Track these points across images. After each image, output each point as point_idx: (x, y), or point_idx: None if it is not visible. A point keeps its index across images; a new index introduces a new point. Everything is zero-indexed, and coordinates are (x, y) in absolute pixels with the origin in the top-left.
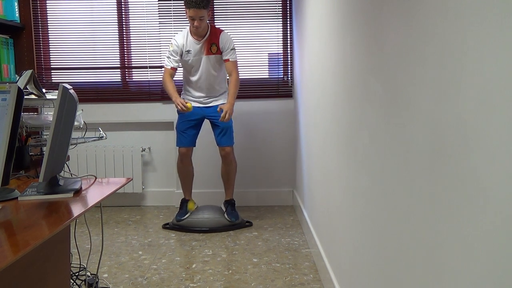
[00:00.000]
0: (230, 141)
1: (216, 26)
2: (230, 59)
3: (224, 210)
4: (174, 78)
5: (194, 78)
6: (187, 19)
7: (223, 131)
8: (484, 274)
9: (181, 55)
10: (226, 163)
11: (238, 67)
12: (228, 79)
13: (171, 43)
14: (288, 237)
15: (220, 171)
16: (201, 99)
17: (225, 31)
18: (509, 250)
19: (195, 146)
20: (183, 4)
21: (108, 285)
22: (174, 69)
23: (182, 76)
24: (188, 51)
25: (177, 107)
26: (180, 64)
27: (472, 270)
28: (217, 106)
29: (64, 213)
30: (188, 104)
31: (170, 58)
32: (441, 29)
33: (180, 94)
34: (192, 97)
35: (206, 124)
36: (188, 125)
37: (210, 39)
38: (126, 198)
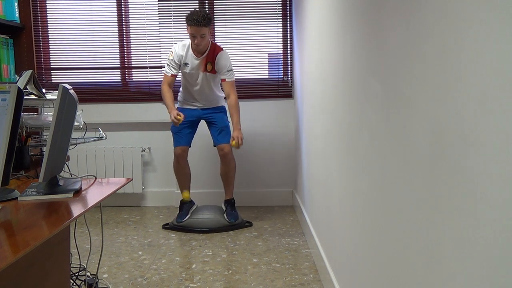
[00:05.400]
0: (227, 139)
1: (217, 44)
2: (226, 79)
3: (224, 209)
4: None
5: (191, 88)
6: None
7: (219, 130)
8: (484, 274)
9: (179, 65)
10: (225, 162)
11: (239, 68)
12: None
13: (171, 52)
14: (288, 237)
15: (219, 171)
16: (197, 103)
17: (224, 51)
18: (509, 250)
19: (190, 146)
20: (183, 4)
21: (108, 285)
22: (174, 76)
23: (180, 78)
24: (186, 64)
25: (171, 118)
26: (179, 71)
27: (472, 270)
28: (213, 108)
29: (64, 213)
30: (181, 117)
31: (169, 66)
32: (441, 28)
33: (176, 96)
34: (188, 101)
35: (203, 126)
36: (183, 125)
37: (208, 57)
38: (126, 198)
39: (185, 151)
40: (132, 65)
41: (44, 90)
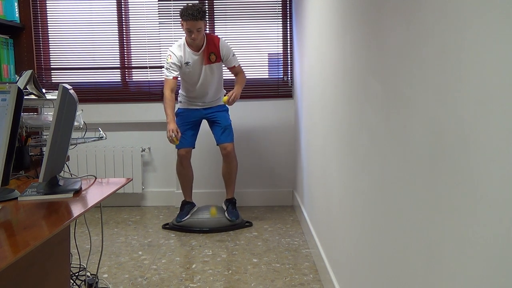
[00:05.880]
0: (230, 138)
1: (212, 34)
2: (235, 65)
3: (225, 209)
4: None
5: (192, 87)
6: None
7: (223, 129)
8: (484, 274)
9: (180, 67)
10: (227, 161)
11: None
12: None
13: (169, 55)
14: (288, 237)
15: (221, 170)
16: (199, 103)
17: (221, 38)
18: (509, 250)
19: (194, 147)
20: (183, 4)
21: (108, 285)
22: (175, 79)
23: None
24: (187, 63)
25: (168, 133)
26: (179, 73)
27: (472, 270)
28: (215, 107)
29: (64, 213)
30: (176, 140)
31: (169, 69)
32: (441, 28)
33: (177, 97)
34: (190, 101)
35: (205, 125)
36: (186, 127)
37: (208, 49)
38: (126, 198)
39: (189, 153)
40: (132, 65)
41: (44, 90)
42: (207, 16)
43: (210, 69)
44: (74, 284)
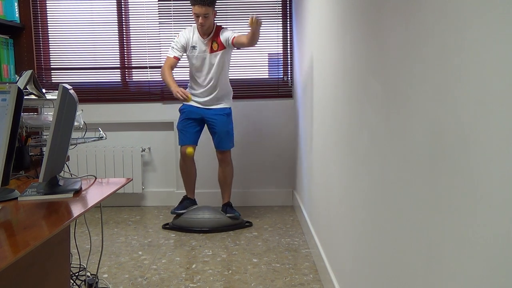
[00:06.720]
0: (228, 145)
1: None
2: (235, 35)
3: (225, 213)
4: (179, 79)
5: (198, 76)
6: (186, 19)
7: (218, 136)
8: (484, 274)
9: (185, 49)
10: (222, 166)
11: (239, 67)
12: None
13: (178, 35)
14: (288, 237)
15: (217, 174)
16: (202, 99)
17: (223, 26)
18: (509, 250)
19: (196, 144)
20: (183, 4)
21: (108, 285)
22: (176, 59)
23: (188, 74)
24: (194, 47)
25: (176, 95)
26: (183, 55)
27: (472, 270)
28: (216, 109)
29: (64, 213)
30: (189, 95)
31: (174, 48)
32: (441, 28)
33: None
34: (194, 96)
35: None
36: (187, 123)
37: (213, 38)
38: (126, 198)
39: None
40: (132, 65)
41: (44, 90)
42: (215, 4)
43: (214, 58)
44: (74, 284)
